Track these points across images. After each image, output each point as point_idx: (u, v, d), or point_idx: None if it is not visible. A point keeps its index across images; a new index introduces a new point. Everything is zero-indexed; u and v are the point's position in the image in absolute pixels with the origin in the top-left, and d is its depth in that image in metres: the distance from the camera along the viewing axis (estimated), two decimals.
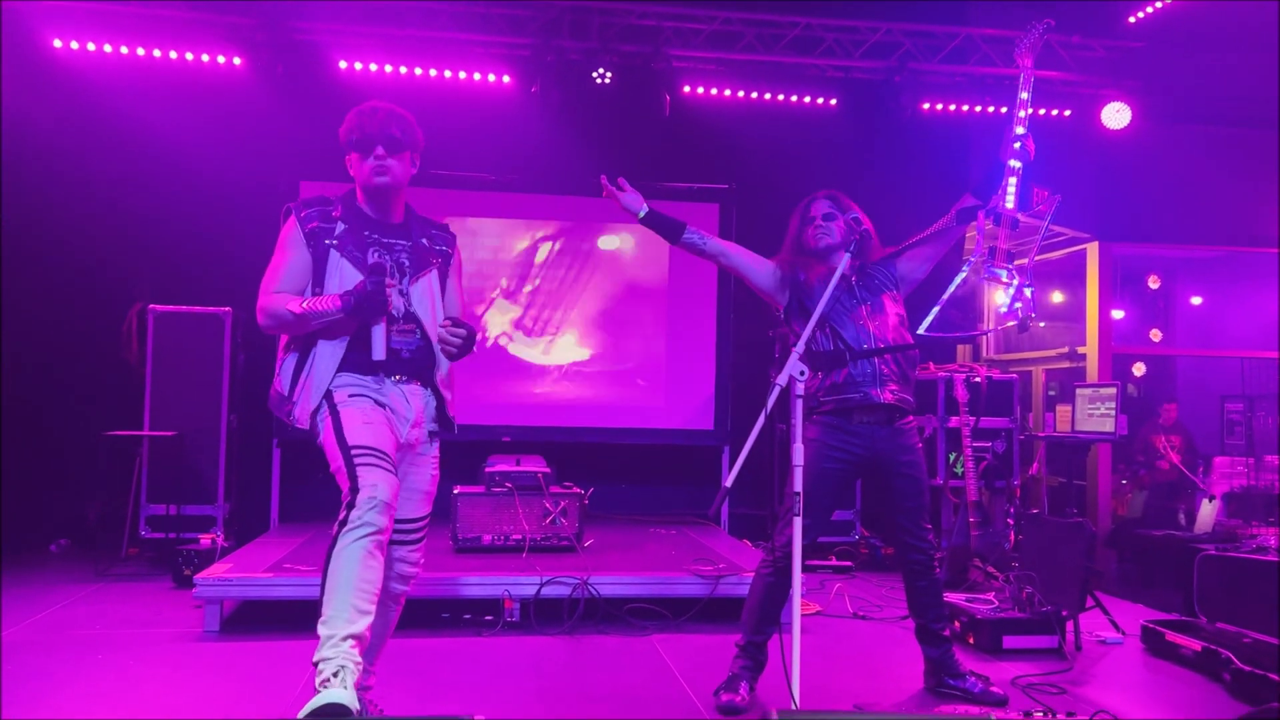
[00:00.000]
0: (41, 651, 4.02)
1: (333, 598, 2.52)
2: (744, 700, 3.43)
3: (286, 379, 2.85)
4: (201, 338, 6.22)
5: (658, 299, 7.32)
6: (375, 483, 2.61)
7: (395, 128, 2.88)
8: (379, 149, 2.85)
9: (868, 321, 3.56)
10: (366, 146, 2.86)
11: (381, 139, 2.85)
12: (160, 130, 6.53)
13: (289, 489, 6.77)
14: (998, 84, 7.26)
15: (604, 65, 6.78)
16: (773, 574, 3.51)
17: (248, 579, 4.50)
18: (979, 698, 3.53)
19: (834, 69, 7.23)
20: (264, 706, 3.38)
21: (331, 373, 2.79)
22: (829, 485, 3.53)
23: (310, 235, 2.84)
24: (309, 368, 2.81)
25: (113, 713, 3.27)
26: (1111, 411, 5.51)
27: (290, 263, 2.86)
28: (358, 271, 2.81)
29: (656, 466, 7.47)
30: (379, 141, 2.85)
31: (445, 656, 4.08)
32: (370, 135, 2.86)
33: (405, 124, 2.91)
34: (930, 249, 3.71)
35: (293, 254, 2.86)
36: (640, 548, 5.70)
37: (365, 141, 2.86)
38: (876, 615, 5.08)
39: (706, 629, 4.53)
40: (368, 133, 2.86)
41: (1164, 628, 4.37)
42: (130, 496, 6.07)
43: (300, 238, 2.85)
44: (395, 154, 2.87)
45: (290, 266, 2.85)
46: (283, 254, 2.87)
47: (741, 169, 7.31)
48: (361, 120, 2.89)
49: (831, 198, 3.69)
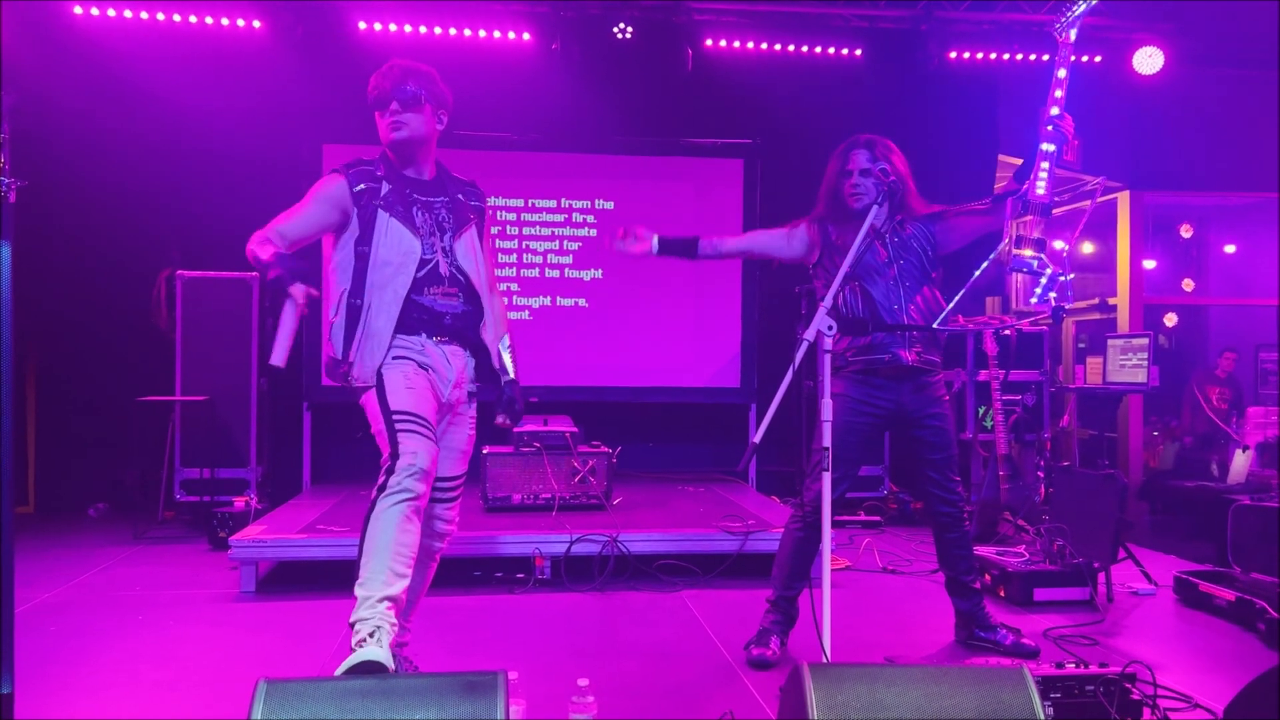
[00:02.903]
0: (84, 611, 4.10)
1: (370, 560, 2.56)
2: (775, 654, 3.45)
3: (338, 343, 2.85)
4: (230, 303, 6.27)
5: None
6: (416, 450, 2.64)
7: (410, 82, 2.87)
8: (394, 104, 2.86)
9: (898, 283, 3.49)
10: (383, 103, 2.87)
11: (396, 94, 2.86)
12: (183, 96, 6.53)
13: (320, 451, 6.85)
14: (1025, 31, 7.11)
15: (624, 20, 6.69)
16: (802, 529, 3.51)
17: (282, 540, 4.56)
18: (1010, 650, 3.53)
19: (859, 18, 7.10)
20: (301, 663, 3.44)
21: (390, 329, 2.80)
22: (857, 439, 3.51)
23: (358, 196, 2.84)
24: (363, 324, 2.81)
25: (156, 670, 3.34)
26: (1144, 362, 5.44)
27: (306, 214, 2.85)
28: (407, 230, 2.83)
29: (684, 424, 7.48)
30: (393, 97, 2.86)
31: (478, 613, 4.13)
32: (385, 91, 2.87)
33: (422, 78, 2.90)
34: (974, 223, 3.56)
35: (314, 209, 2.86)
36: (669, 505, 5.72)
37: (381, 98, 2.87)
38: (906, 569, 5.09)
39: (736, 585, 4.55)
40: (383, 89, 2.87)
41: (1197, 578, 4.34)
42: (165, 461, 6.16)
43: (343, 197, 2.84)
44: (411, 109, 2.87)
45: (304, 217, 2.85)
46: (306, 204, 2.87)
47: (766, 124, 7.23)
48: (379, 79, 2.90)
49: (869, 146, 3.54)
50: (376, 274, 2.81)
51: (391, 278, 2.81)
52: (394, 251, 2.82)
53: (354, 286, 2.83)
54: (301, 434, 6.78)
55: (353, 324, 2.83)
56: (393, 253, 2.82)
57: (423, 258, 2.85)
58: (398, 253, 2.82)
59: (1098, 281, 8.80)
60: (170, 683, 3.22)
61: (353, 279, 2.83)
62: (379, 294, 2.81)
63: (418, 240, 2.85)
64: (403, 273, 2.82)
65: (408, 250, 2.83)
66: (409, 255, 2.83)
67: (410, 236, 2.84)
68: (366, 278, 2.82)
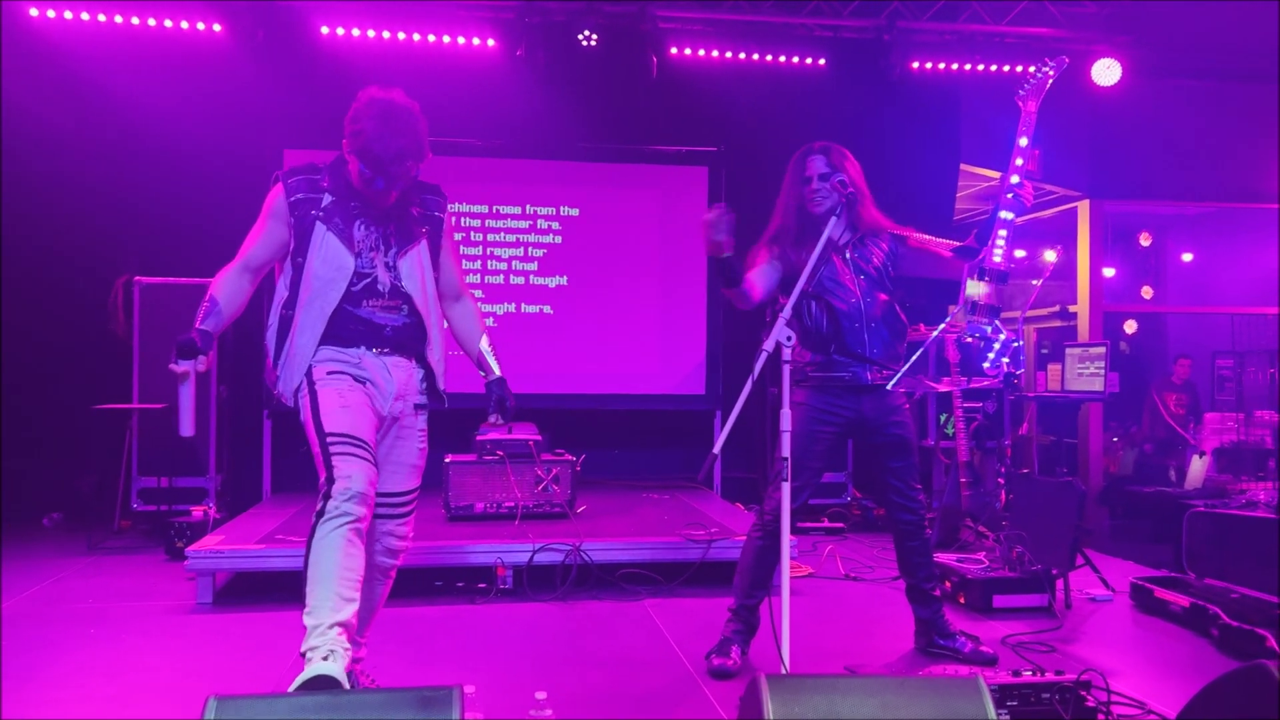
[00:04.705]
0: (36, 624, 4.02)
1: (316, 588, 2.51)
2: (735, 664, 3.45)
3: (271, 351, 2.83)
4: (189, 309, 6.08)
5: (649, 263, 7.29)
6: (350, 473, 2.58)
7: (411, 159, 2.71)
8: (379, 184, 2.72)
9: (861, 302, 3.49)
10: (373, 167, 2.69)
11: (394, 176, 2.70)
12: (141, 99, 6.44)
13: (281, 460, 6.77)
14: (988, 41, 7.18)
15: (589, 27, 6.68)
16: (763, 538, 3.51)
17: (240, 551, 4.51)
18: (969, 657, 3.56)
19: (822, 28, 7.14)
20: (258, 677, 3.39)
21: (313, 347, 2.75)
22: (819, 447, 3.52)
23: (294, 206, 2.78)
24: (290, 339, 2.78)
25: (108, 685, 3.28)
26: (1101, 371, 5.52)
27: (265, 235, 2.82)
28: (343, 245, 2.76)
29: (649, 431, 7.48)
30: (380, 175, 2.70)
31: (439, 624, 4.10)
32: (380, 162, 2.68)
33: (419, 147, 2.73)
34: (934, 265, 3.54)
35: (267, 225, 2.82)
36: (633, 513, 5.71)
37: (374, 163, 2.68)
38: (868, 576, 5.11)
39: (699, 593, 4.55)
40: (377, 155, 2.67)
41: (1153, 584, 4.40)
42: (121, 469, 6.06)
43: (281, 209, 2.79)
44: (394, 187, 2.75)
45: (264, 238, 2.82)
46: (259, 225, 2.83)
47: (730, 132, 7.25)
48: (378, 131, 2.66)
49: (825, 152, 3.51)
50: (307, 288, 2.76)
51: (320, 292, 2.75)
52: (326, 265, 2.75)
53: (289, 297, 2.80)
54: (262, 442, 6.70)
55: (283, 335, 2.80)
56: (325, 266, 2.75)
57: (358, 271, 2.77)
58: (330, 267, 2.75)
59: (1058, 289, 8.91)
60: (122, 698, 3.17)
61: (289, 289, 2.81)
62: (307, 310, 2.75)
63: (352, 256, 2.76)
64: (333, 288, 2.75)
65: (340, 265, 2.75)
66: (341, 270, 2.75)
67: (344, 252, 2.75)
68: (300, 290, 2.77)
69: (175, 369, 2.63)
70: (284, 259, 2.85)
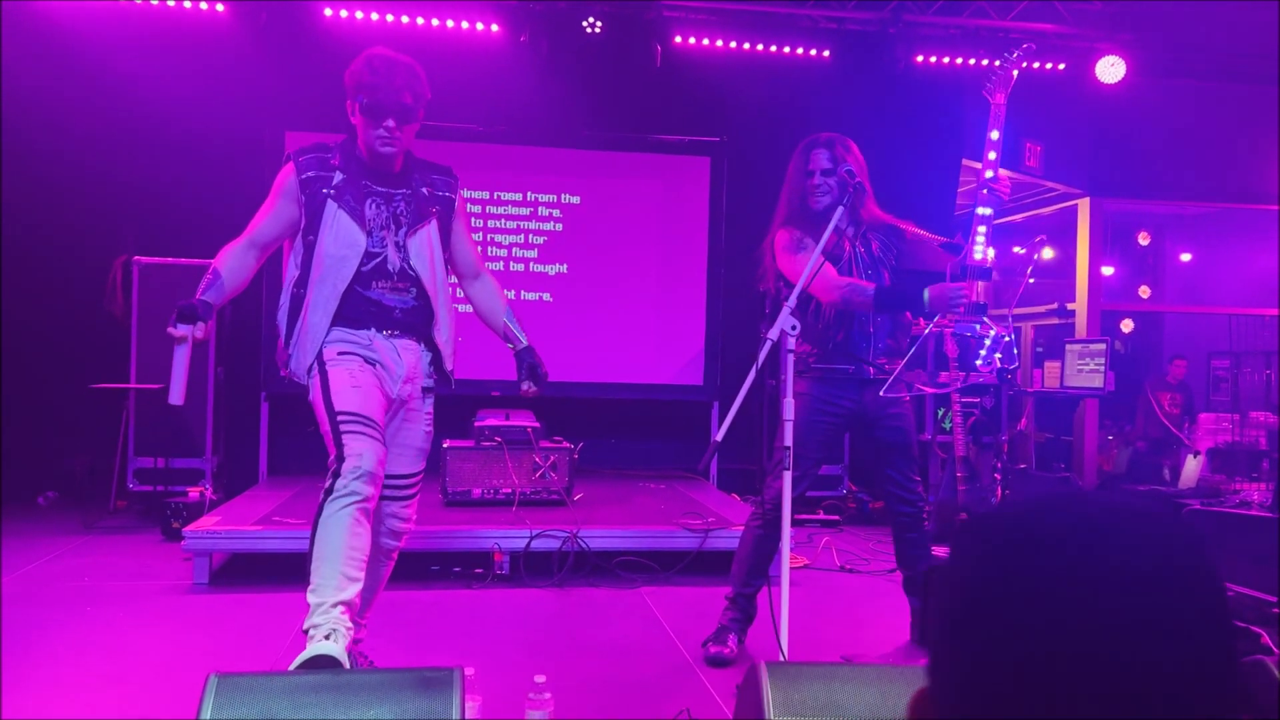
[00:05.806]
0: (32, 604, 4.02)
1: (321, 566, 2.51)
2: (732, 652, 3.46)
3: (283, 330, 2.82)
4: (186, 290, 6.09)
5: (648, 252, 7.28)
6: (360, 452, 2.58)
7: (409, 95, 2.75)
8: (390, 121, 2.74)
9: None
10: (376, 114, 2.74)
11: (394, 110, 2.74)
12: (143, 79, 6.40)
13: (277, 441, 6.76)
14: (992, 36, 7.17)
15: (594, 14, 6.66)
16: (762, 527, 3.52)
17: (236, 531, 4.50)
18: None
19: (827, 20, 7.13)
20: (254, 658, 3.39)
21: (325, 325, 2.75)
22: (818, 438, 3.52)
23: (305, 184, 2.78)
24: (303, 318, 2.78)
25: (103, 664, 3.28)
26: (1100, 367, 5.53)
27: (273, 212, 2.83)
28: (354, 223, 2.77)
29: (647, 421, 7.47)
30: (391, 113, 2.74)
31: (436, 608, 4.10)
32: (382, 104, 2.73)
33: (418, 87, 2.78)
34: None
35: (277, 203, 2.82)
36: (630, 501, 5.72)
37: (375, 108, 2.73)
38: (864, 568, 5.12)
39: (695, 582, 4.56)
40: (379, 99, 2.72)
41: None
42: (118, 449, 6.05)
43: (292, 187, 2.80)
44: (406, 124, 2.78)
45: (272, 216, 2.83)
46: (269, 202, 2.84)
47: (733, 122, 7.23)
48: (374, 79, 2.73)
49: (829, 145, 3.50)
50: (319, 266, 2.76)
51: (332, 270, 2.75)
52: (338, 244, 2.75)
53: (301, 276, 2.80)
54: (259, 424, 6.69)
55: (295, 314, 2.80)
56: (337, 245, 2.75)
57: (369, 251, 2.78)
58: (342, 245, 2.76)
59: (1057, 286, 8.91)
60: (119, 677, 3.16)
61: (300, 268, 2.80)
62: (319, 289, 2.76)
63: (363, 234, 2.77)
64: (344, 266, 2.76)
65: (352, 243, 2.76)
66: (353, 249, 2.76)
67: (356, 230, 2.76)
68: (311, 269, 2.77)
69: (174, 332, 2.63)
70: (294, 237, 2.85)
